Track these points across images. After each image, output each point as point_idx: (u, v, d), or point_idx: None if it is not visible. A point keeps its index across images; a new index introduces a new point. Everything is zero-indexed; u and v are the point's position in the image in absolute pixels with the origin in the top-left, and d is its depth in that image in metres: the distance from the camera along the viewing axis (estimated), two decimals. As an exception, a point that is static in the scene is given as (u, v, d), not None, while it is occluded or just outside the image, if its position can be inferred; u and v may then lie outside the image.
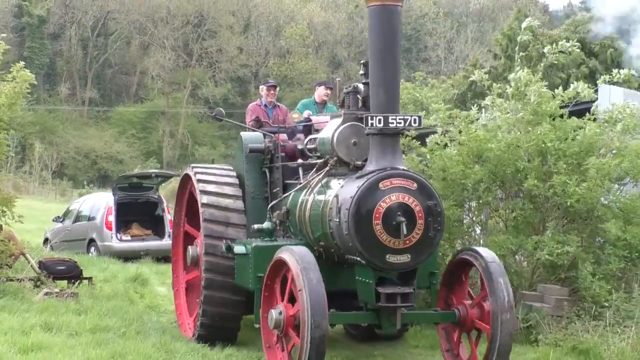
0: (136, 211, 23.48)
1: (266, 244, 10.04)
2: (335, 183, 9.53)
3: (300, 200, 10.18)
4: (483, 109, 14.61)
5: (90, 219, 23.96)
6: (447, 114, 13.97)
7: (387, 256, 8.56)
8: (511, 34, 42.27)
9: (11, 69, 14.29)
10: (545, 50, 14.84)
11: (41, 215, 31.62)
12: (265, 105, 12.80)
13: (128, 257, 21.60)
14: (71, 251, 20.84)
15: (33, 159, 67.08)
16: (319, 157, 10.36)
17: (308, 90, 78.59)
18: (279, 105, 13.02)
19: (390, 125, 8.73)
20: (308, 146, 10.83)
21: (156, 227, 23.46)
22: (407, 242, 8.55)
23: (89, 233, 23.44)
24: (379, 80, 8.99)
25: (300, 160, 11.04)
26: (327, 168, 9.83)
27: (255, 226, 10.42)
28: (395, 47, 9.07)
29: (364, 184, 8.63)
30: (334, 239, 9.09)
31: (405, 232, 8.43)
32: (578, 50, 17.13)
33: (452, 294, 9.83)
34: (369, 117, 8.76)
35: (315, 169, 10.25)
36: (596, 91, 14.42)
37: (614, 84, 14.50)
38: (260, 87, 13.31)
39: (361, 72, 9.73)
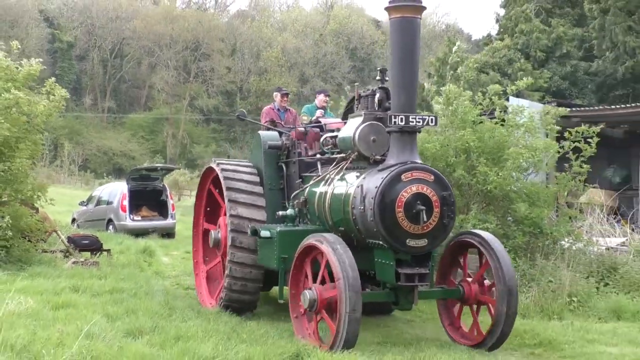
0: (145, 197, 23.41)
1: (290, 228, 9.35)
2: (354, 175, 8.78)
3: (319, 190, 9.38)
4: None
5: (108, 203, 23.81)
6: None
7: (408, 240, 7.92)
8: (443, 57, 42.39)
9: (45, 84, 14.31)
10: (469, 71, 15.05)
11: (70, 200, 31.32)
12: (278, 109, 12.14)
13: (139, 233, 21.52)
14: (93, 229, 20.89)
15: (63, 155, 66.62)
16: (337, 153, 9.50)
17: (282, 101, 78.61)
18: (289, 110, 12.33)
19: (411, 123, 8.07)
20: (324, 143, 9.94)
21: (161, 210, 23.41)
22: (425, 228, 7.91)
23: (108, 214, 23.32)
24: (399, 83, 8.22)
25: (318, 155, 10.12)
26: (349, 162, 8.98)
27: (280, 213, 9.70)
28: (414, 54, 8.24)
29: (387, 175, 7.96)
30: (357, 225, 8.36)
31: (425, 219, 7.83)
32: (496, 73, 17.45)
33: (451, 273, 9.30)
34: (393, 116, 8.07)
35: (335, 162, 9.34)
36: (507, 100, 14.62)
37: (519, 94, 14.70)
38: (275, 93, 12.51)
39: (377, 77, 8.93)
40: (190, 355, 7.11)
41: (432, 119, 8.25)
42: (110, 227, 22.79)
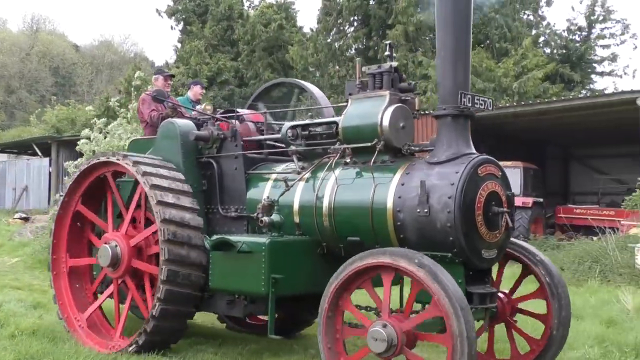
0: None
1: (283, 239, 5.23)
2: (361, 172, 5.20)
3: (301, 192, 5.55)
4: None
5: None
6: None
7: (483, 251, 4.68)
8: (129, 79, 40.65)
9: None
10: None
11: None
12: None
13: None
14: None
15: None
16: (310, 146, 5.80)
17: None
18: (170, 97, 7.69)
19: (476, 105, 4.84)
20: (289, 135, 5.88)
21: None
22: (497, 235, 4.76)
23: None
24: (455, 55, 4.75)
25: (293, 148, 5.87)
26: (375, 154, 5.07)
27: (266, 219, 5.31)
28: (468, 19, 4.81)
29: (466, 168, 4.63)
30: (401, 233, 4.80)
31: (510, 224, 4.79)
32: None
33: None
34: (462, 95, 4.70)
35: (337, 156, 5.42)
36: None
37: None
38: (155, 76, 7.96)
39: (387, 53, 5.38)
40: None
41: (489, 103, 5.04)
42: None
